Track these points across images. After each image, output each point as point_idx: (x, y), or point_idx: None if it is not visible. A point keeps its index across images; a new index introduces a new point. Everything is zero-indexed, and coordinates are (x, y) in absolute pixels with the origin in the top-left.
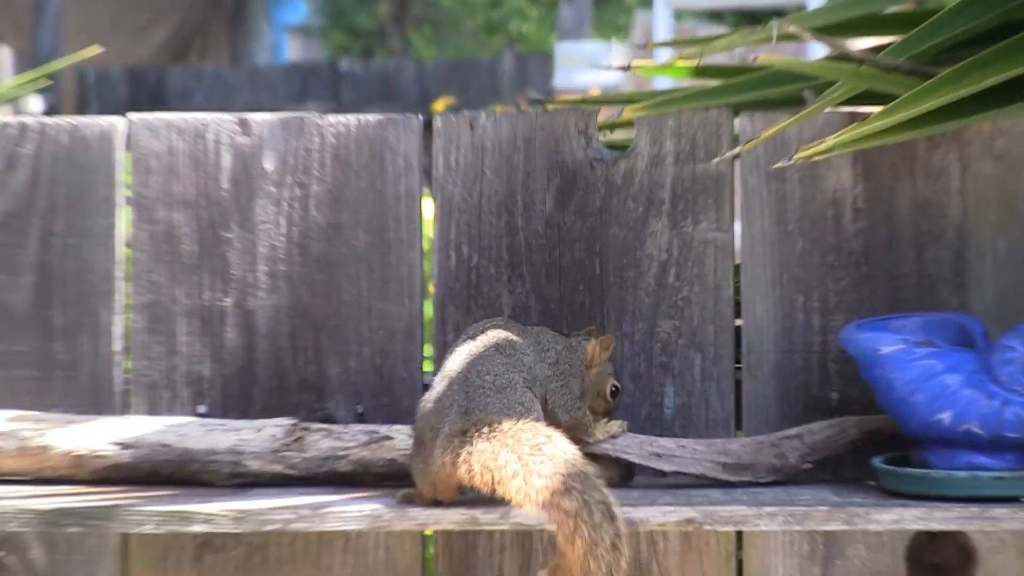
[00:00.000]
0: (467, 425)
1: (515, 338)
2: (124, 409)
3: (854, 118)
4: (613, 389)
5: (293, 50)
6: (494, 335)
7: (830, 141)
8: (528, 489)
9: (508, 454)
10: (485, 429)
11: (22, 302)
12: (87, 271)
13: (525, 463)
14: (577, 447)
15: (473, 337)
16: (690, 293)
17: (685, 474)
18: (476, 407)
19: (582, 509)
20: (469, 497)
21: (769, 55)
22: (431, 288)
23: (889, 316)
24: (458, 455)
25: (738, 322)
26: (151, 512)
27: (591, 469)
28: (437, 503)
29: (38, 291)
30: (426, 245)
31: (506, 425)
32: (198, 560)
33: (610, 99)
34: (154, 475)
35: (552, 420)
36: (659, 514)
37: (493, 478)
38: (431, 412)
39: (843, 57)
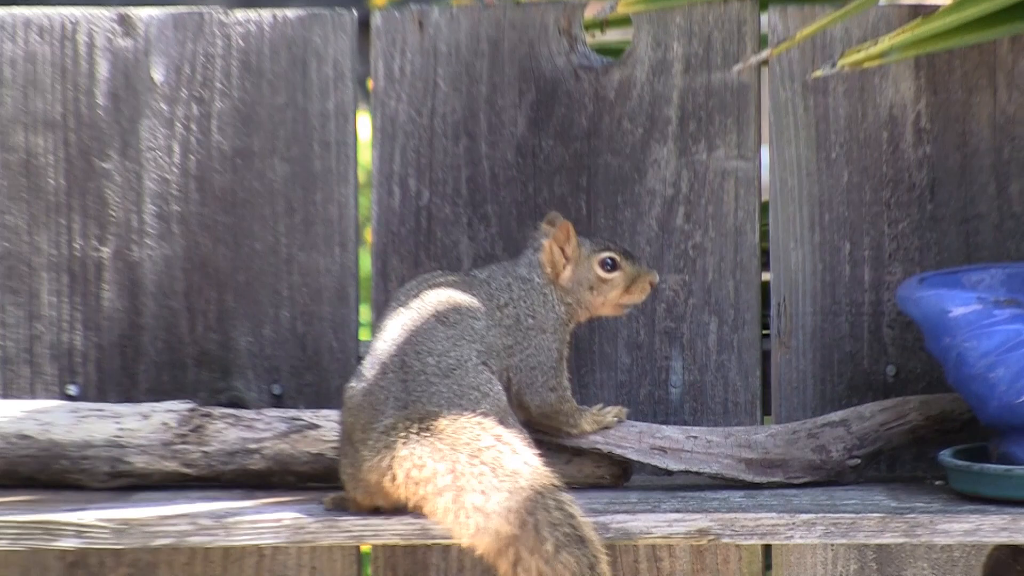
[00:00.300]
0: (398, 420)
1: (460, 298)
2: None
3: (917, 12)
4: (607, 262)
5: None
6: (433, 299)
7: (886, 42)
8: (458, 510)
9: (438, 462)
10: (415, 426)
11: None
12: None
13: (458, 476)
14: (537, 449)
15: (406, 303)
16: (704, 239)
17: (697, 473)
18: (417, 398)
19: (528, 535)
20: None
21: None
22: (368, 234)
23: (962, 267)
24: (383, 459)
25: (766, 276)
26: (6, 524)
27: (548, 481)
28: (376, 510)
29: None
30: (362, 177)
31: (444, 421)
32: None
33: None
34: (10, 475)
35: (519, 406)
36: (664, 523)
37: (418, 493)
38: (360, 406)
39: None
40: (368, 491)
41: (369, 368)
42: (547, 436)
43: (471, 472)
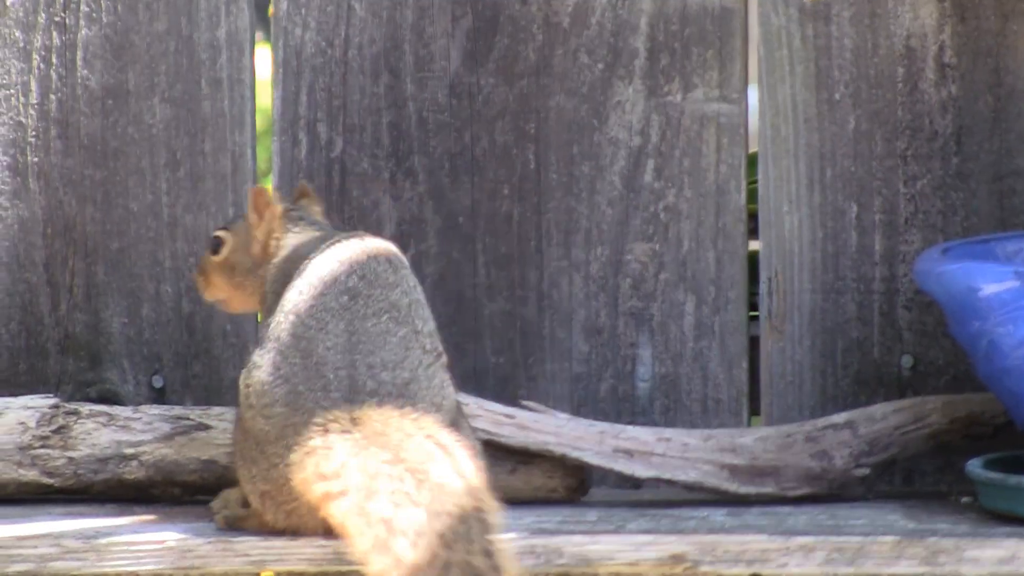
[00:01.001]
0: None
1: (404, 278)
2: None
3: None
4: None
5: None
6: (375, 279)
7: None
8: (359, 516)
9: (350, 457)
10: (343, 419)
11: None
12: None
13: (371, 476)
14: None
15: (338, 282)
16: (678, 200)
17: (671, 482)
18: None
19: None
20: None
21: None
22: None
23: (994, 235)
24: (297, 454)
25: (754, 246)
26: None
27: (482, 506)
28: (290, 531)
29: None
30: (261, 124)
31: (372, 413)
32: None
33: None
34: None
35: None
36: (630, 547)
37: (322, 489)
38: (287, 422)
39: None
40: (282, 507)
41: (299, 368)
42: (493, 437)
43: (388, 473)
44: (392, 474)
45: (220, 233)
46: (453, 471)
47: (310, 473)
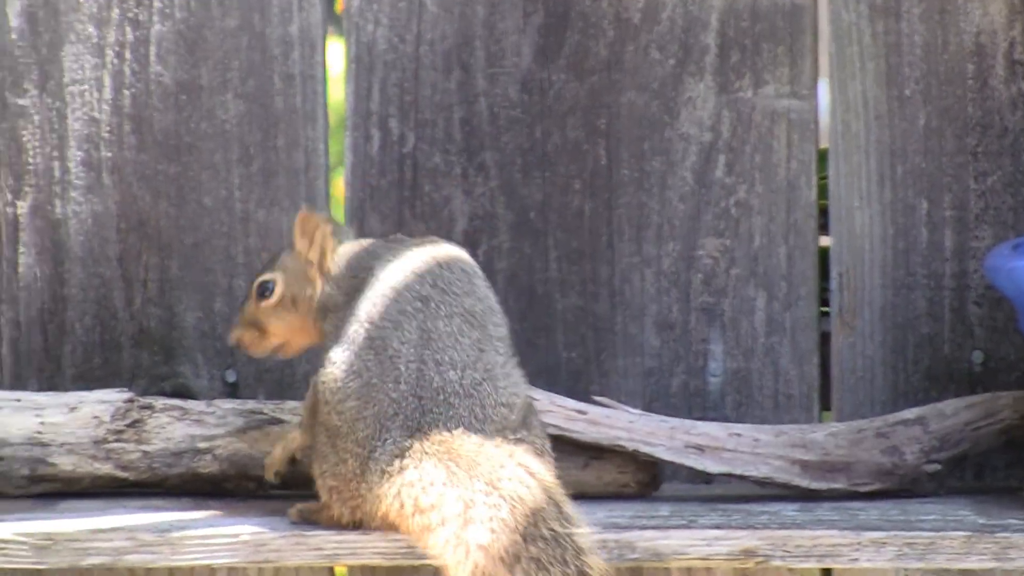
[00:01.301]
0: (412, 443)
1: (479, 281)
2: None
3: None
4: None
5: None
6: (453, 286)
7: None
8: (458, 546)
9: (449, 488)
10: (431, 446)
11: None
12: None
13: (468, 505)
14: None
15: (412, 286)
16: (749, 195)
17: (742, 477)
18: (434, 421)
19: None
20: None
21: None
22: (340, 187)
23: None
24: (391, 487)
25: (824, 241)
26: None
27: (580, 545)
28: (356, 525)
29: None
30: (333, 119)
31: (466, 444)
32: None
33: None
34: None
35: None
36: (701, 542)
37: (420, 521)
38: (358, 415)
39: None
40: (359, 511)
41: (372, 363)
42: (565, 433)
43: (485, 503)
44: (488, 502)
45: (267, 276)
46: (545, 497)
47: (411, 509)
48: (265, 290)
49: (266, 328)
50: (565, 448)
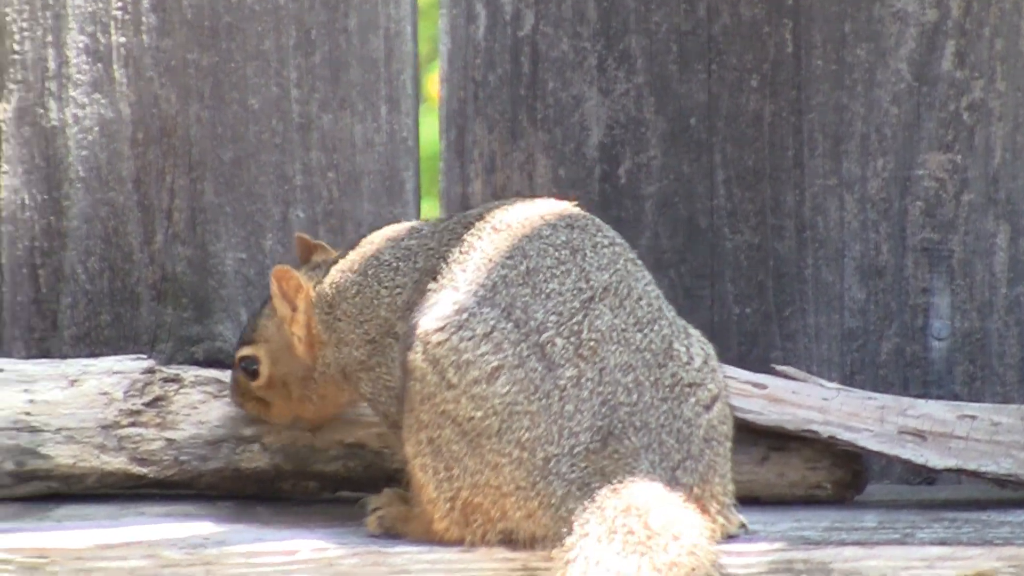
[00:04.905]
0: (593, 472)
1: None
2: None
3: None
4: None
5: None
6: (629, 282)
7: None
8: None
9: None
10: (614, 511)
11: None
12: None
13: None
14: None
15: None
16: (987, 95)
17: (976, 474)
18: (623, 431)
19: None
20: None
21: None
22: (434, 84)
23: None
24: (560, 539)
25: None
26: None
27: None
28: (458, 541)
29: None
30: None
31: (654, 521)
32: None
33: None
34: None
35: None
36: (919, 563)
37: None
38: (515, 401)
39: None
40: (475, 524)
41: (525, 347)
42: (737, 414)
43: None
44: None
45: (247, 352)
46: (701, 537)
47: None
48: (249, 368)
49: (270, 408)
50: (736, 435)
